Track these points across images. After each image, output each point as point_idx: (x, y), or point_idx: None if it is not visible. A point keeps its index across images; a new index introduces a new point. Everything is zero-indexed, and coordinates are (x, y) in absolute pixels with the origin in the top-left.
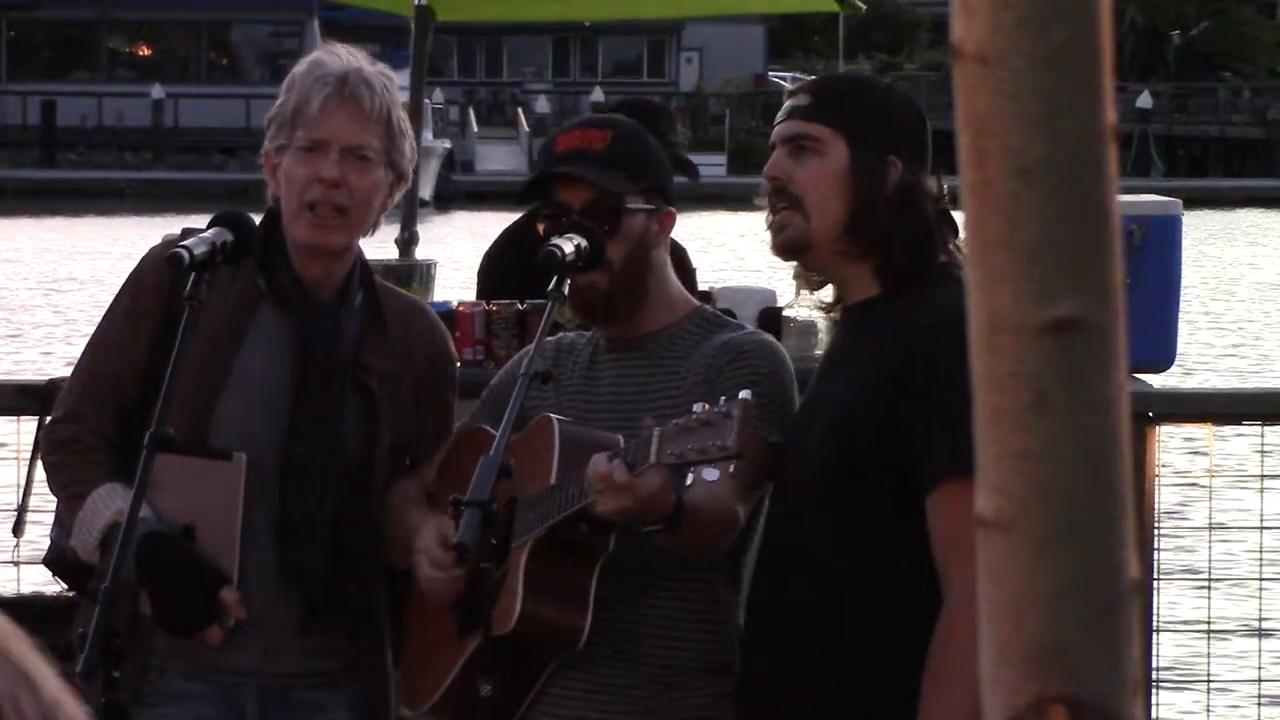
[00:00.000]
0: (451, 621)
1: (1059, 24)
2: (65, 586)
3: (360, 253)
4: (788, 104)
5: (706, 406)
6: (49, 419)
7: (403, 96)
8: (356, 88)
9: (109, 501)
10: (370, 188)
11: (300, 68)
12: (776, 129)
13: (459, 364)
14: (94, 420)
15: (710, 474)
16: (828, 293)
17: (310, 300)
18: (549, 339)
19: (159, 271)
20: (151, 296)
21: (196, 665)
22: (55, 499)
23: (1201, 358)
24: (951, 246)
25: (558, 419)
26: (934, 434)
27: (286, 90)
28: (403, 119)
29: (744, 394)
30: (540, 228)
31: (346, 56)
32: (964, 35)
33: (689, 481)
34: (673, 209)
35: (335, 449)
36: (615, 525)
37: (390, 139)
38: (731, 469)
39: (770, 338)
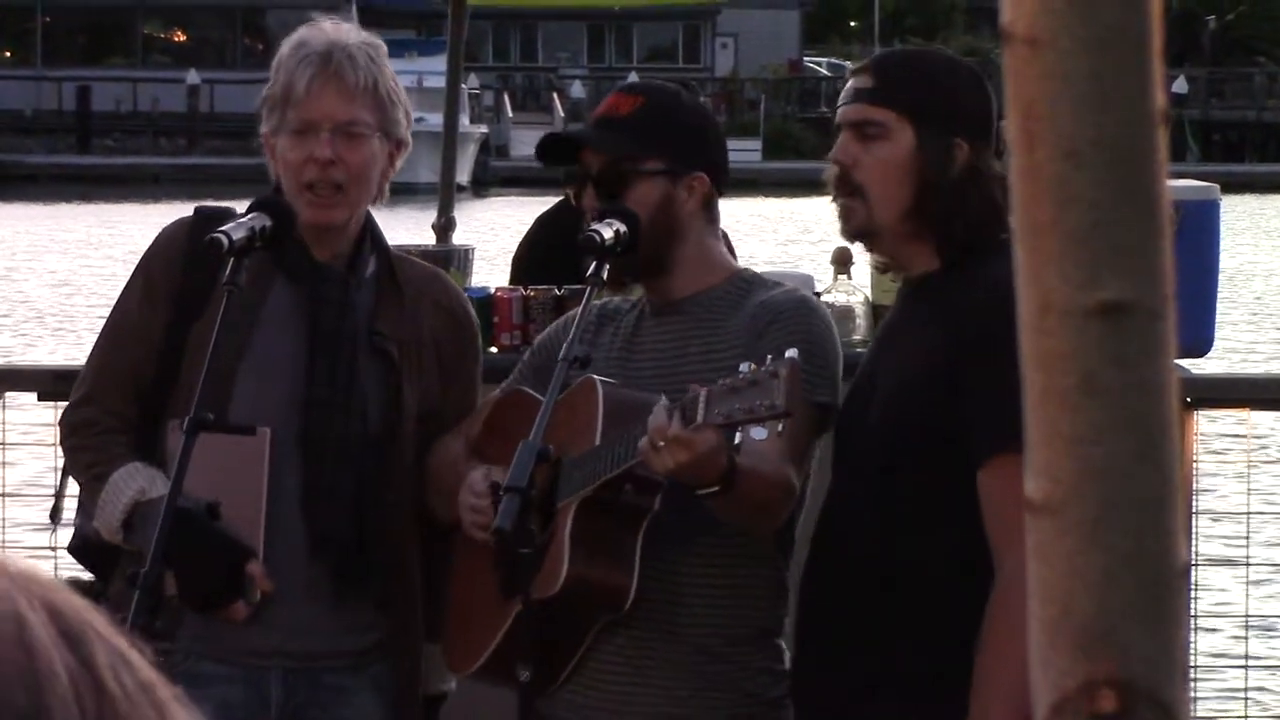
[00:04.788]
0: (494, 585)
1: (1108, 5)
2: (91, 574)
3: (372, 221)
4: (851, 84)
5: (753, 366)
6: (67, 404)
7: (438, 82)
8: (340, 64)
9: (131, 481)
10: (365, 161)
11: (285, 47)
12: (841, 111)
13: (496, 349)
14: (111, 402)
15: (759, 433)
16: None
17: (319, 271)
18: (594, 303)
19: (169, 252)
20: (163, 278)
21: (222, 647)
22: (79, 485)
23: (1238, 343)
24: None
25: (601, 380)
26: (987, 408)
27: (275, 71)
28: (393, 88)
29: (791, 353)
30: (571, 192)
31: (331, 30)
32: (1013, 17)
33: (737, 441)
34: (703, 173)
35: (352, 416)
36: (660, 485)
37: (381, 109)
38: (780, 428)
39: (808, 294)
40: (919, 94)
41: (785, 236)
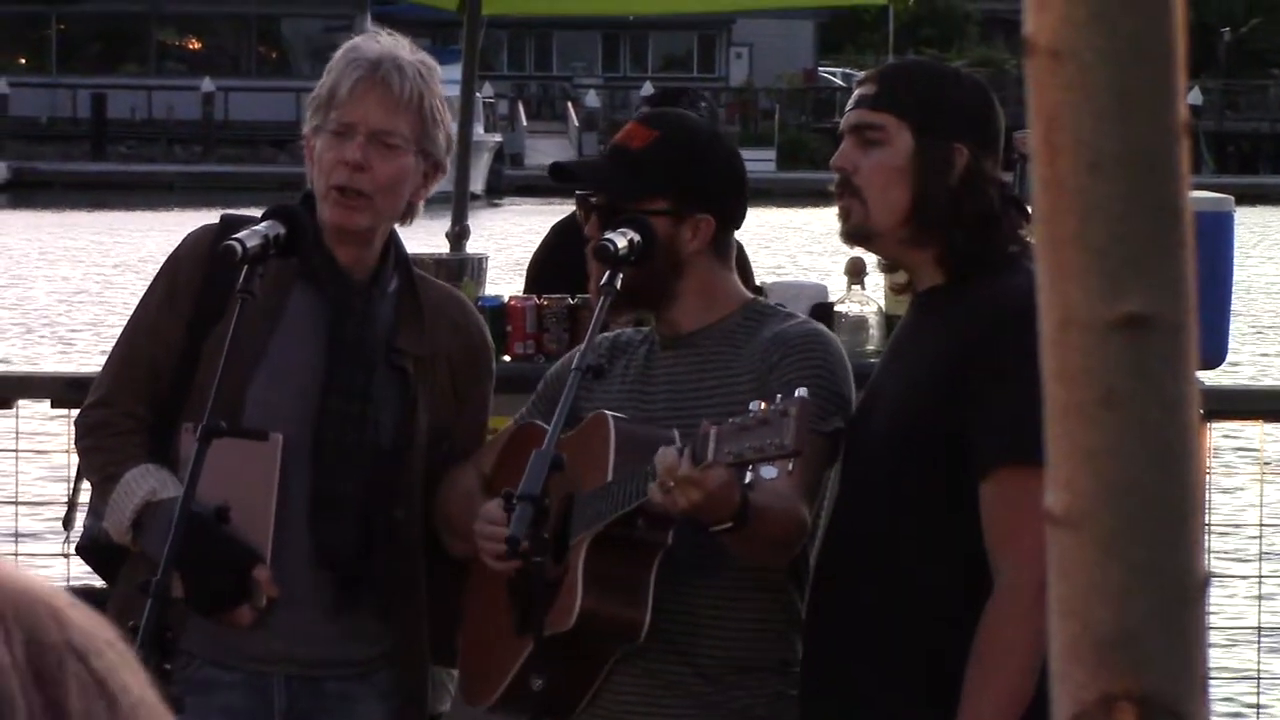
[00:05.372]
0: (510, 617)
1: (1131, 17)
2: (97, 574)
3: (397, 239)
4: (855, 93)
5: (763, 405)
6: (83, 404)
7: (453, 91)
8: (388, 73)
9: (142, 482)
10: (395, 173)
11: (339, 52)
12: (844, 118)
13: (509, 358)
14: (127, 404)
15: (769, 472)
16: (900, 275)
17: (343, 280)
18: (605, 335)
19: (195, 257)
20: (187, 281)
21: (227, 652)
22: (91, 486)
23: (1253, 355)
24: (1024, 233)
25: (613, 415)
26: (990, 421)
27: (326, 73)
28: (438, 108)
29: (800, 392)
30: (579, 210)
31: (387, 42)
32: (1036, 29)
33: (748, 480)
34: (709, 216)
35: (365, 428)
36: (673, 520)
37: (422, 126)
38: (790, 467)
39: (819, 326)
40: (919, 98)
41: (799, 247)
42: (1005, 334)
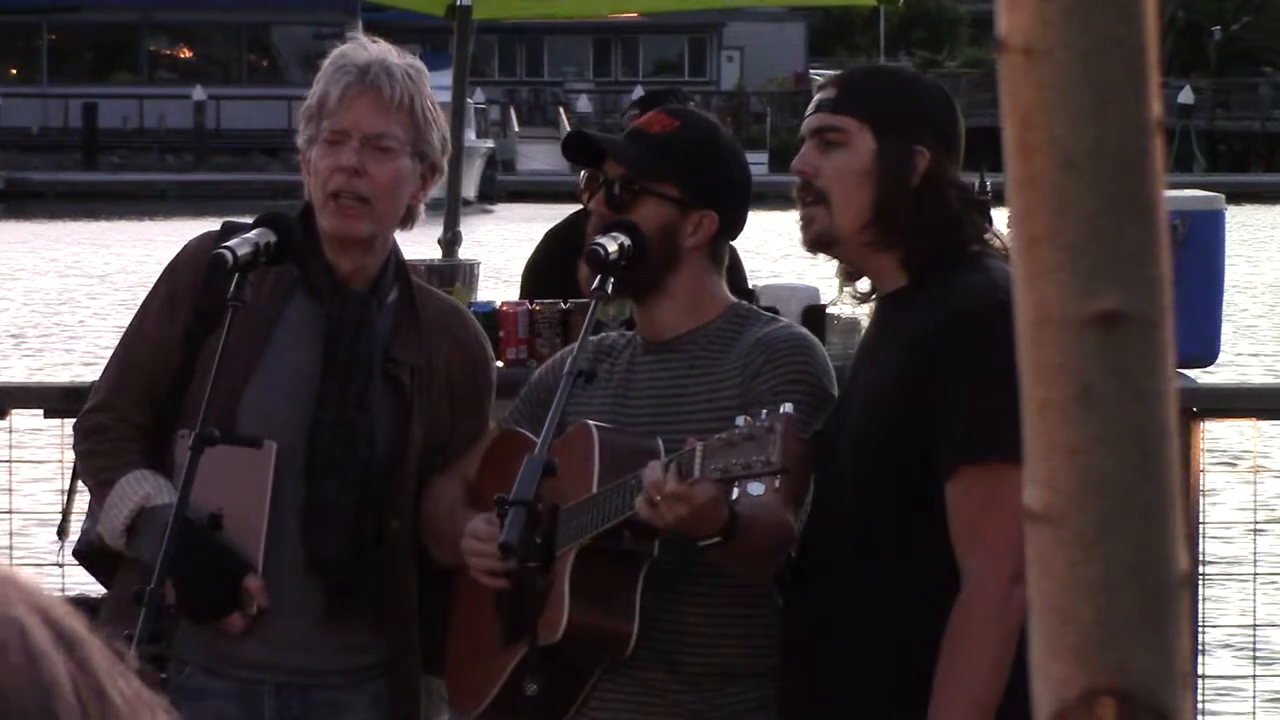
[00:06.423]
0: (497, 626)
1: (1104, 16)
2: (93, 578)
3: (396, 248)
4: (816, 97)
5: (748, 420)
6: (82, 409)
7: (444, 97)
8: (377, 77)
9: (137, 487)
10: (392, 177)
11: (327, 61)
12: (805, 122)
13: (502, 364)
14: (125, 409)
15: (756, 488)
16: (864, 283)
17: (341, 290)
18: (591, 338)
19: (195, 264)
20: (186, 288)
21: (219, 659)
22: (88, 490)
23: (1243, 353)
24: (987, 235)
25: (596, 425)
26: (952, 420)
27: (315, 83)
28: (430, 109)
29: (786, 407)
30: (583, 188)
31: (374, 48)
32: (1009, 27)
33: (734, 496)
34: (713, 213)
35: (359, 439)
36: (658, 531)
37: (415, 128)
38: (776, 483)
39: (803, 330)
40: (880, 101)
41: (791, 250)
42: (965, 333)
